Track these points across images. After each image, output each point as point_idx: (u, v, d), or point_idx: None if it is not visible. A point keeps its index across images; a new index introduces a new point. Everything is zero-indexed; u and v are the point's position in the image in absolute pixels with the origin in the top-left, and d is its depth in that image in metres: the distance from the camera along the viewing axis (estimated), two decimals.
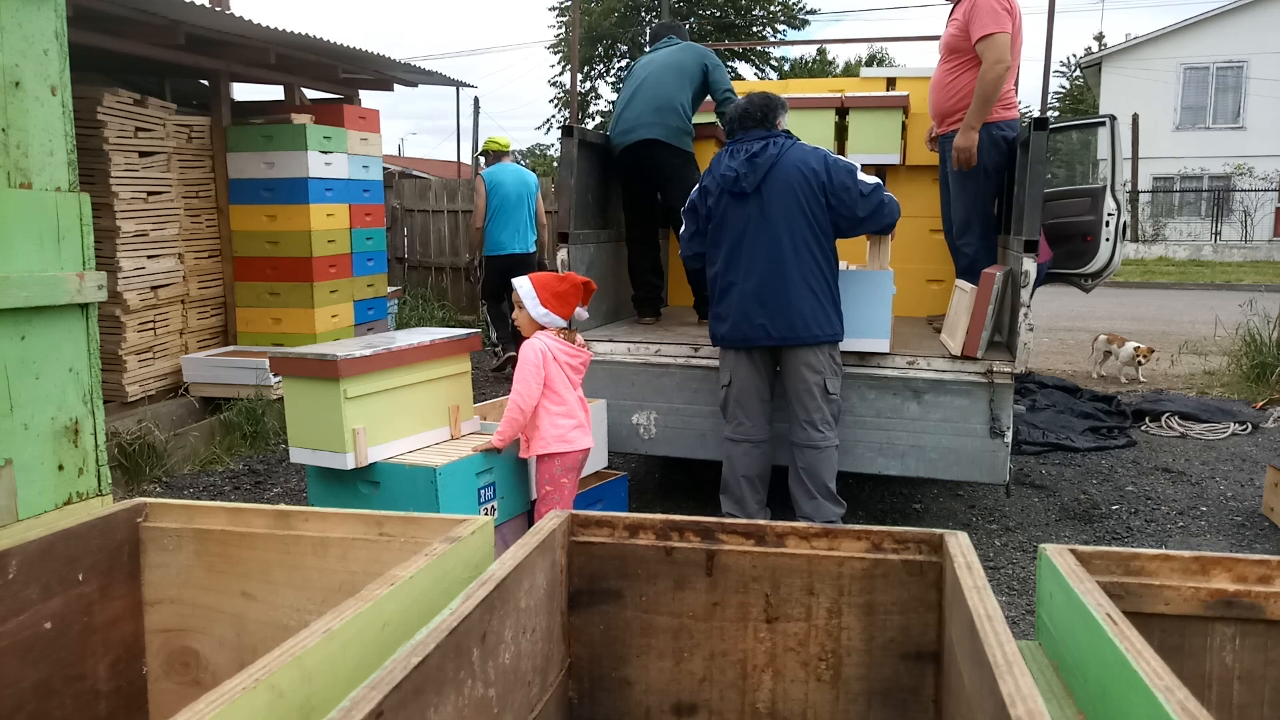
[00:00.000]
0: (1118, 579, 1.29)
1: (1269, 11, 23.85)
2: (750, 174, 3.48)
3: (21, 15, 1.71)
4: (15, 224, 1.67)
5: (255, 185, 6.26)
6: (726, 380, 3.69)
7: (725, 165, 3.55)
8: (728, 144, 3.66)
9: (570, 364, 3.31)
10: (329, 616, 1.15)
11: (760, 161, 3.48)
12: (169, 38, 5.31)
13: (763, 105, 3.61)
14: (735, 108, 3.69)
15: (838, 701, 1.37)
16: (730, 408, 3.70)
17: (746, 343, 3.58)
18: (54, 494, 1.75)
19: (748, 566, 1.39)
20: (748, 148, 3.53)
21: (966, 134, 4.17)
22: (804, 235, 3.48)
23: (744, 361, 3.63)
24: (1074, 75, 33.30)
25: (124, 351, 5.45)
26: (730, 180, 3.51)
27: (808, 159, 3.50)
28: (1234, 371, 7.34)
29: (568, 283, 3.32)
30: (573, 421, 3.29)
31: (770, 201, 3.47)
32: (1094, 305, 12.35)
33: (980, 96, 4.11)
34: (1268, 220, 23.66)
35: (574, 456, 3.31)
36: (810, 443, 3.58)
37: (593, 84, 26.45)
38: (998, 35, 4.05)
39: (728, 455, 3.73)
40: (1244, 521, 4.25)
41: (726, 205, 3.55)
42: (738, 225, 3.54)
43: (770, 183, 3.47)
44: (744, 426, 3.66)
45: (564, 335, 3.32)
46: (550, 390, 3.26)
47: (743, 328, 3.56)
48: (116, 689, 1.57)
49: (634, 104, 4.61)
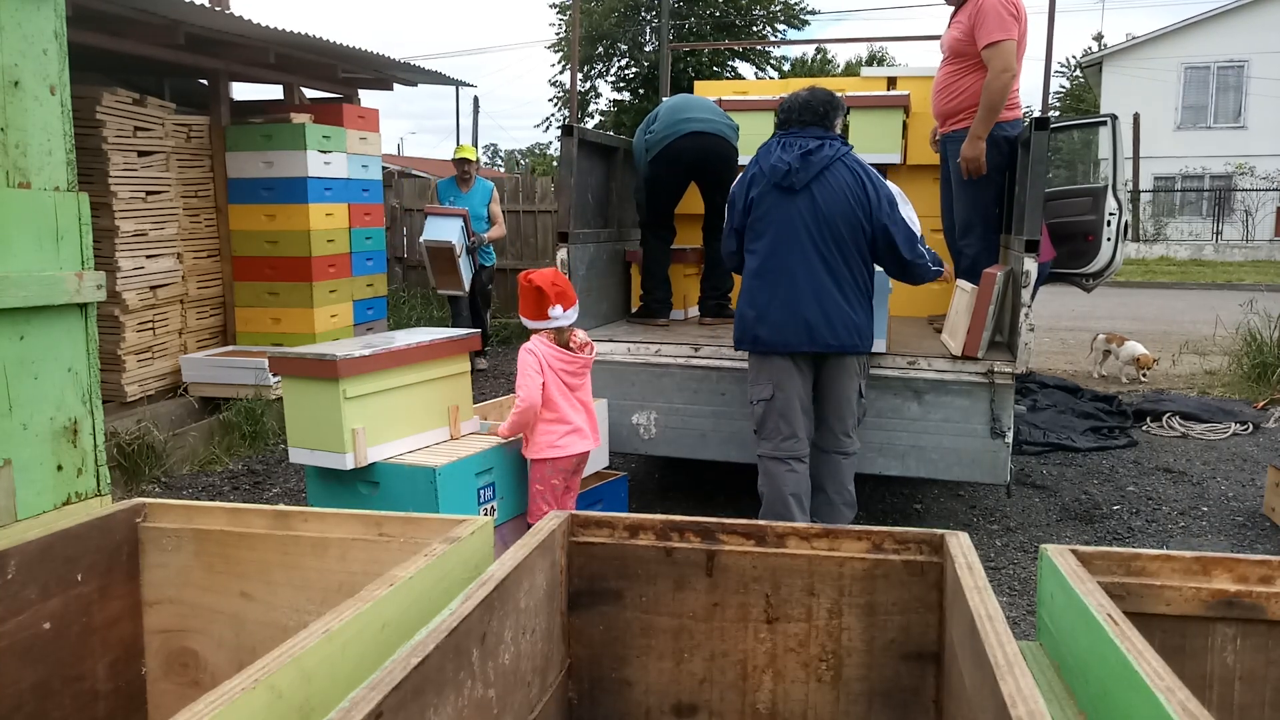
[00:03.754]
0: (1119, 579, 1.29)
1: (1270, 11, 23.85)
2: (803, 170, 3.29)
3: (21, 15, 1.71)
4: (14, 223, 1.67)
5: (254, 185, 6.26)
6: (768, 394, 3.38)
7: (777, 157, 3.35)
8: (778, 134, 3.47)
9: (565, 369, 3.27)
10: (328, 617, 1.15)
11: (814, 160, 3.30)
12: (169, 37, 5.31)
13: (826, 102, 3.43)
14: (796, 98, 3.46)
15: (838, 702, 1.37)
16: (773, 422, 3.39)
17: (789, 347, 3.33)
18: (53, 494, 1.75)
19: (748, 567, 1.39)
20: (803, 143, 3.35)
21: (974, 143, 4.13)
22: (851, 241, 3.32)
23: (790, 370, 3.36)
24: (1075, 75, 33.29)
25: (123, 351, 5.45)
26: (780, 173, 3.31)
27: (865, 169, 3.37)
28: (1235, 371, 7.34)
29: (523, 284, 3.27)
30: (565, 428, 3.27)
31: (821, 202, 3.30)
32: (1095, 305, 12.34)
33: (987, 105, 4.06)
34: (1269, 220, 23.66)
35: (566, 461, 3.29)
36: (841, 449, 3.47)
37: (593, 84, 26.44)
38: (1005, 43, 4.00)
39: (768, 474, 3.42)
40: (1245, 522, 4.24)
41: (773, 199, 3.35)
42: (782, 221, 3.34)
43: (822, 184, 3.30)
44: (790, 443, 3.37)
45: (555, 338, 3.28)
46: (544, 397, 3.26)
47: (787, 331, 3.32)
48: (115, 689, 1.57)
49: (691, 105, 4.58)
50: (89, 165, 5.22)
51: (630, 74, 26.42)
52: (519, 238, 10.22)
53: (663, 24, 22.60)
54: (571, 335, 3.35)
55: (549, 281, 3.24)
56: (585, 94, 26.19)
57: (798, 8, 25.87)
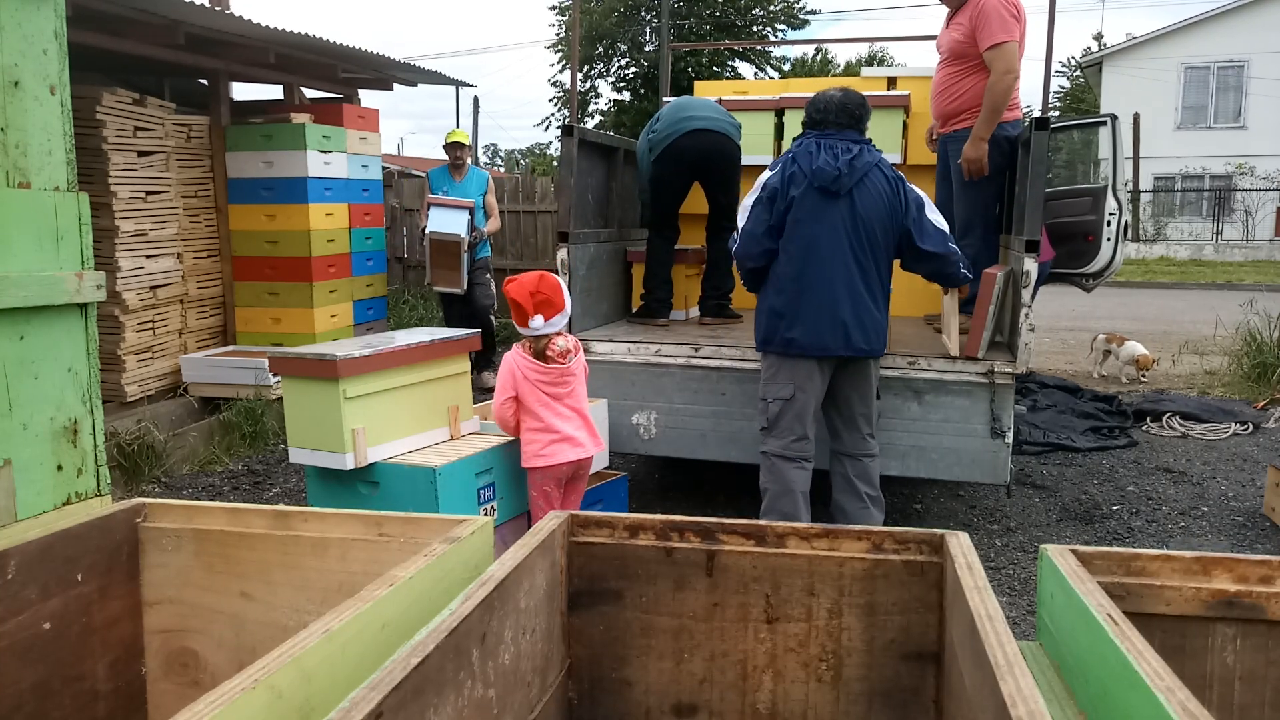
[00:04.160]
0: (1119, 579, 1.29)
1: (1269, 11, 23.84)
2: (849, 175, 3.30)
3: (21, 15, 1.71)
4: (14, 223, 1.67)
5: (254, 185, 6.26)
6: (788, 394, 3.39)
7: (822, 160, 3.33)
8: (812, 134, 3.45)
9: (542, 380, 3.21)
10: (328, 617, 1.15)
11: (858, 165, 3.32)
12: (169, 37, 5.31)
13: (860, 105, 3.44)
14: (830, 99, 3.45)
15: (838, 702, 1.37)
16: (786, 422, 3.41)
17: (825, 351, 3.35)
18: (53, 494, 1.75)
19: (748, 567, 1.39)
20: (844, 146, 3.36)
21: (976, 145, 4.13)
22: (884, 245, 3.37)
23: (814, 373, 3.39)
24: (1075, 75, 33.29)
25: (123, 351, 5.45)
26: (829, 177, 3.30)
27: (897, 175, 3.40)
28: (1235, 371, 7.34)
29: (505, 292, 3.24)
30: (550, 436, 3.22)
31: (860, 207, 3.31)
32: (1095, 305, 12.34)
33: (989, 107, 4.06)
34: (1269, 220, 23.65)
35: (555, 470, 3.24)
36: (867, 451, 3.49)
37: (593, 84, 26.44)
38: (1007, 44, 3.99)
39: (777, 471, 3.43)
40: (1245, 522, 4.24)
41: (813, 201, 3.34)
42: (822, 224, 3.33)
43: (862, 189, 3.32)
44: (801, 444, 3.41)
45: (531, 347, 3.23)
46: (523, 408, 3.24)
47: (823, 335, 3.33)
48: (115, 689, 1.57)
49: (693, 105, 4.60)
50: (89, 165, 5.22)
51: (630, 74, 26.43)
52: (519, 237, 10.22)
53: (663, 24, 22.61)
54: (550, 344, 3.21)
55: (527, 293, 3.16)
56: (585, 94, 26.20)
57: (797, 8, 25.88)
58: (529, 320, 3.18)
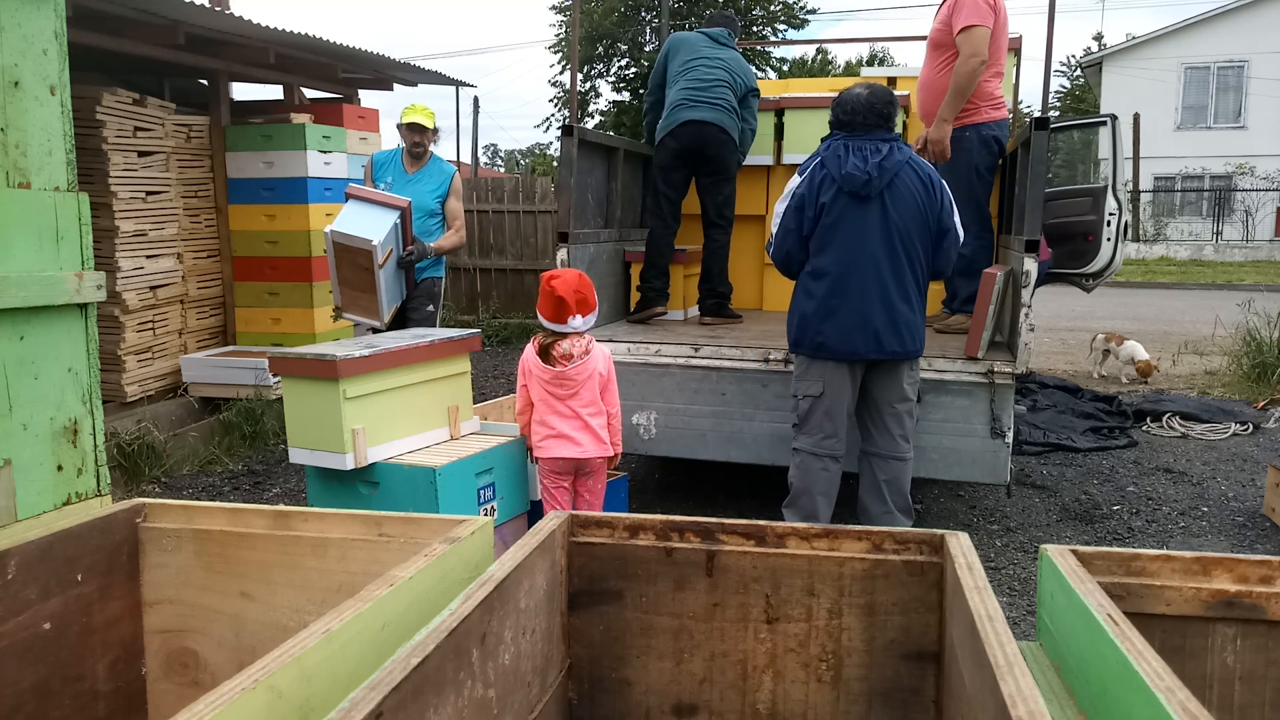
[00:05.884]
0: (1119, 579, 1.29)
1: (1269, 11, 23.85)
2: (879, 178, 3.27)
3: (21, 15, 1.71)
4: (14, 224, 1.67)
5: (254, 185, 6.26)
6: (818, 391, 3.40)
7: (851, 164, 3.29)
8: (840, 136, 3.40)
9: (543, 379, 3.24)
10: (328, 617, 1.15)
11: (888, 166, 3.28)
12: (169, 38, 5.31)
13: (887, 102, 3.38)
14: (856, 99, 3.39)
15: (838, 702, 1.37)
16: (816, 419, 3.42)
17: (854, 355, 3.34)
18: (53, 494, 1.75)
19: (748, 567, 1.39)
20: (874, 147, 3.32)
21: (940, 126, 4.16)
22: (917, 248, 3.34)
23: (844, 373, 3.38)
24: (1075, 75, 33.29)
25: (123, 351, 5.45)
26: (860, 182, 3.27)
27: (929, 172, 3.36)
28: (1235, 372, 7.34)
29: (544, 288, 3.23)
30: (546, 431, 3.26)
31: (892, 209, 3.29)
32: (1095, 305, 12.34)
33: (954, 89, 4.10)
34: (1269, 220, 23.66)
35: (550, 463, 3.29)
36: (899, 454, 3.46)
37: (593, 84, 26.44)
38: (978, 29, 4.06)
39: (805, 469, 3.45)
40: (1245, 522, 4.24)
41: (844, 205, 3.31)
42: (855, 228, 3.31)
43: (893, 190, 3.29)
44: (830, 441, 3.42)
45: (539, 344, 3.24)
46: (531, 398, 3.31)
47: (855, 339, 3.32)
48: (115, 689, 1.57)
49: (694, 83, 4.65)
50: (89, 165, 5.22)
51: (630, 74, 26.42)
52: (519, 238, 10.23)
53: (663, 24, 22.62)
54: (556, 344, 3.22)
55: (572, 289, 3.16)
56: (585, 94, 26.19)
57: (798, 8, 25.88)
58: (569, 318, 3.18)
